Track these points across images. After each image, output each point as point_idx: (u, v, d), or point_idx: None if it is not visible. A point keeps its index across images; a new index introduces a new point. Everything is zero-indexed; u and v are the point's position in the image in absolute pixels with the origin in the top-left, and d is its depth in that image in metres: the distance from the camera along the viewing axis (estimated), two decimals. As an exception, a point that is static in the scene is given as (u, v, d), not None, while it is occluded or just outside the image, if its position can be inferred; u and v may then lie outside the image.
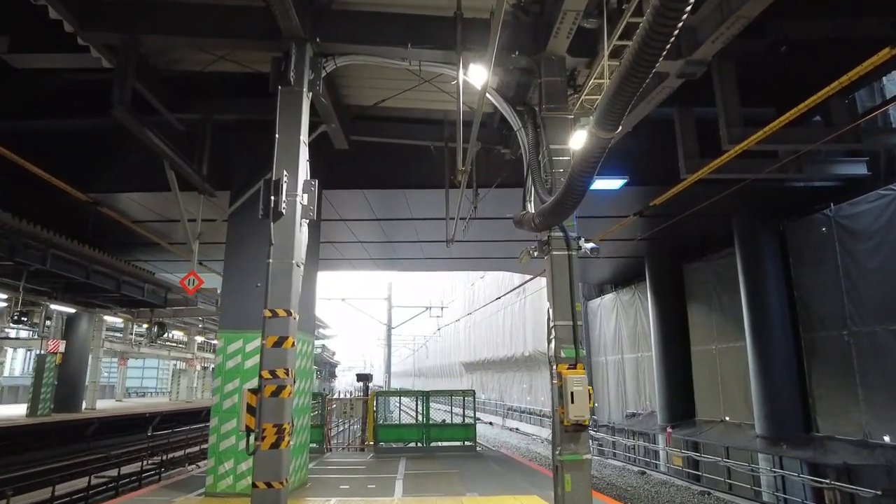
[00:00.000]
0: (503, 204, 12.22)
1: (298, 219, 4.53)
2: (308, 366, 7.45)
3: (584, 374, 4.71)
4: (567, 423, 4.54)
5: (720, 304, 14.99)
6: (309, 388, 7.43)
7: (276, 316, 4.32)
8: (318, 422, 10.00)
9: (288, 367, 4.22)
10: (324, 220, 13.35)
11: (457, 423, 10.14)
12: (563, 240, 5.05)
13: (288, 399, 4.19)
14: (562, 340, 4.72)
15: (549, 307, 4.93)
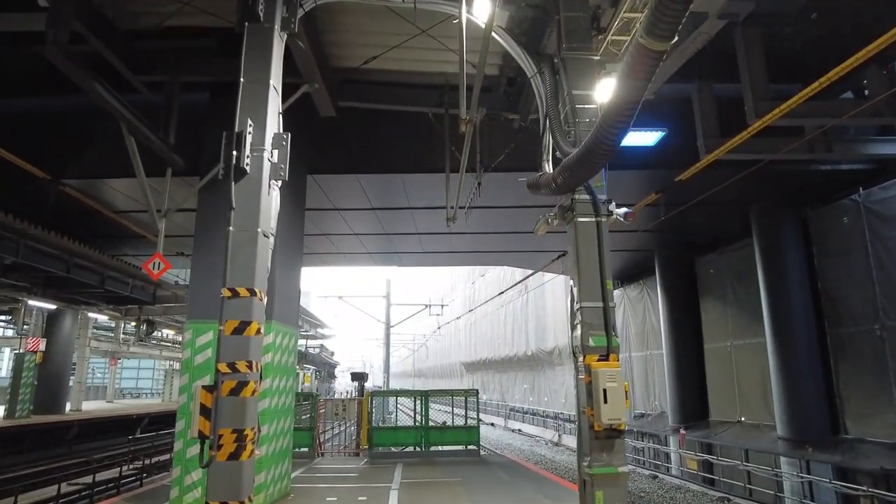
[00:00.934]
0: (507, 190, 11.45)
1: (266, 179, 3.74)
2: (290, 362, 6.67)
3: (618, 366, 3.93)
4: (598, 427, 3.75)
5: (736, 299, 14.19)
6: (291, 387, 6.65)
7: (236, 296, 3.51)
8: (308, 424, 9.20)
9: (252, 360, 3.42)
10: (317, 209, 12.59)
11: (458, 425, 9.33)
12: (590, 203, 4.25)
13: (252, 399, 3.40)
14: (590, 326, 3.94)
15: (571, 286, 4.14)
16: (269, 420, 5.85)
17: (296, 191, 7.35)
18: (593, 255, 4.15)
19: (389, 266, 19.99)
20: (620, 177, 10.52)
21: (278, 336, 6.23)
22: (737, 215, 13.20)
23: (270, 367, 5.96)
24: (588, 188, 4.23)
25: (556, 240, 15.30)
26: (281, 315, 6.34)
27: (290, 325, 6.72)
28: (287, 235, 6.95)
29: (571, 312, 4.20)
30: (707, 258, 15.52)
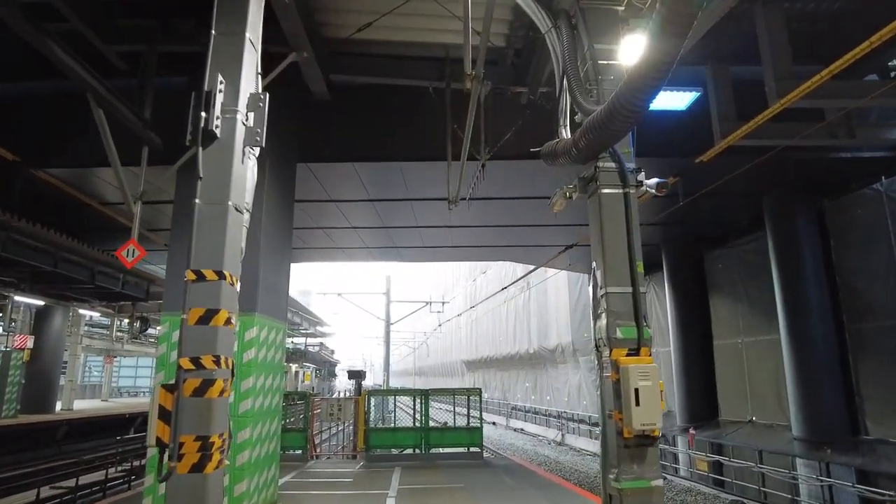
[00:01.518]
0: (511, 180, 10.96)
1: (240, 145, 3.24)
2: (277, 358, 6.17)
3: (651, 361, 3.43)
4: (628, 433, 3.24)
5: (747, 294, 13.69)
6: (278, 387, 6.15)
7: (201, 279, 2.99)
8: (301, 425, 8.72)
9: (220, 355, 2.92)
10: (312, 200, 12.09)
11: (460, 426, 8.82)
12: (615, 172, 3.74)
13: (220, 401, 2.89)
14: (617, 315, 3.44)
15: (594, 269, 3.64)
16: (253, 422, 5.36)
17: (285, 178, 6.85)
18: (620, 232, 3.65)
19: (389, 261, 19.49)
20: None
21: (263, 330, 5.73)
22: (748, 207, 12.71)
23: (254, 363, 5.48)
24: (613, 154, 3.72)
25: (561, 234, 14.81)
26: (267, 308, 5.85)
27: (277, 319, 6.23)
28: (275, 224, 6.46)
29: (595, 300, 3.70)
30: (716, 253, 15.03)
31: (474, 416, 9.16)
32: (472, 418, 9.13)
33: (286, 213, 6.89)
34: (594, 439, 21.08)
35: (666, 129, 9.66)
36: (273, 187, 6.22)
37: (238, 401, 5.27)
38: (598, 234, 3.73)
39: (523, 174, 10.53)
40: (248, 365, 5.41)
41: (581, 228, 13.59)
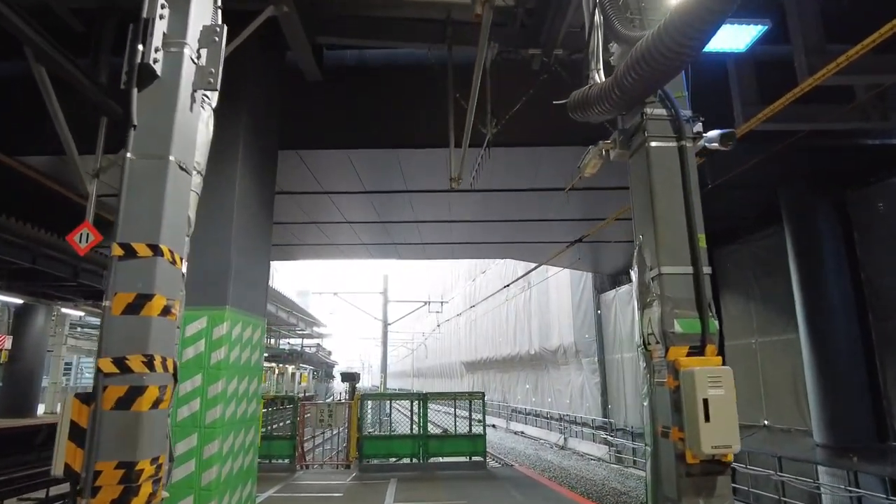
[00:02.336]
0: (515, 169, 10.31)
1: (187, 87, 2.56)
2: (255, 359, 5.48)
3: (720, 364, 2.76)
4: (693, 458, 2.54)
5: (761, 292, 13.04)
6: (256, 392, 5.46)
7: (130, 255, 2.33)
8: (289, 432, 8.02)
9: (154, 354, 2.23)
10: (304, 192, 11.42)
11: (462, 433, 8.13)
12: (668, 121, 3.04)
13: (154, 415, 2.20)
14: (675, 303, 2.76)
15: (638, 246, 2.96)
16: (224, 433, 4.68)
17: (263, 159, 6.17)
18: (676, 196, 2.95)
19: (387, 259, 18.82)
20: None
21: (236, 327, 5.04)
22: (763, 200, 12.07)
23: (225, 365, 4.80)
24: (665, 98, 3.03)
25: (567, 229, 14.15)
26: (241, 301, 5.16)
27: (254, 315, 5.52)
28: (252, 210, 5.77)
29: (641, 285, 3.01)
30: (727, 249, 14.37)
31: (477, 419, 8.46)
32: (475, 421, 8.43)
33: (265, 198, 6.21)
34: (598, 443, 20.40)
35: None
36: (248, 167, 5.54)
37: (205, 409, 4.60)
38: (645, 199, 3.03)
39: (529, 162, 9.89)
40: (217, 367, 4.74)
41: (589, 223, 12.90)
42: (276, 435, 8.03)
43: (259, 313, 5.65)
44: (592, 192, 11.59)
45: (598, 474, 15.09)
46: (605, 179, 11.20)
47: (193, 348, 4.72)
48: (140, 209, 2.38)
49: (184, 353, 4.65)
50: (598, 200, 12.05)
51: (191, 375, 4.65)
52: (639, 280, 3.10)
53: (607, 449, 19.13)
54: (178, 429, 4.39)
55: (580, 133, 8.99)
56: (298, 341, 49.43)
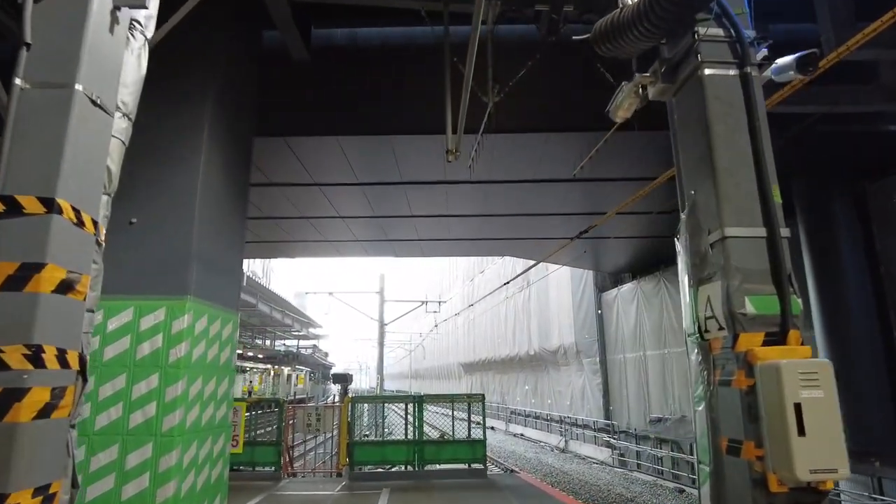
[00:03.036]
0: (514, 159, 9.78)
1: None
2: (226, 358, 4.91)
3: (810, 355, 2.21)
4: (779, 485, 1.89)
5: (772, 289, 12.49)
6: (226, 395, 4.89)
7: (15, 211, 1.77)
8: (274, 437, 7.45)
9: (42, 345, 1.66)
10: (294, 184, 10.85)
11: (460, 438, 7.56)
12: (726, 44, 2.41)
13: (40, 427, 1.62)
14: (746, 275, 2.16)
15: (689, 204, 2.36)
16: (185, 442, 4.12)
17: (235, 137, 5.63)
18: (740, 138, 2.33)
19: (384, 257, 18.25)
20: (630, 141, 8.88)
21: (201, 320, 4.46)
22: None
23: (185, 363, 4.23)
24: (723, 14, 2.41)
25: (569, 224, 13.62)
26: (208, 291, 4.58)
27: (225, 308, 4.93)
28: (222, 184, 5.20)
29: (695, 254, 2.42)
30: (736, 244, 13.84)
31: (476, 422, 7.88)
32: (474, 424, 7.85)
33: (236, 180, 5.64)
34: (600, 446, 19.86)
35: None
36: (216, 145, 4.98)
37: (162, 414, 4.03)
38: (698, 145, 2.39)
39: (531, 150, 9.34)
40: (176, 365, 4.17)
41: (590, 218, 12.37)
42: (260, 441, 7.46)
43: (231, 307, 5.07)
44: (595, 184, 11.07)
45: (602, 479, 14.53)
46: (609, 170, 10.71)
47: (149, 344, 4.15)
48: (32, 153, 1.82)
49: (138, 350, 4.10)
50: (602, 193, 11.52)
51: (146, 375, 4.08)
52: (691, 249, 2.52)
53: (610, 452, 18.59)
54: (131, 438, 3.84)
55: (585, 117, 8.47)
56: (294, 343, 48.80)
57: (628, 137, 8.84)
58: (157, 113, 4.55)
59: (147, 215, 4.27)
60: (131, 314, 4.15)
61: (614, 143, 9.09)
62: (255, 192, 11.19)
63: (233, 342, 5.06)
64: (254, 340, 38.91)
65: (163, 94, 4.72)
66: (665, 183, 8.93)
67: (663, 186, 9.72)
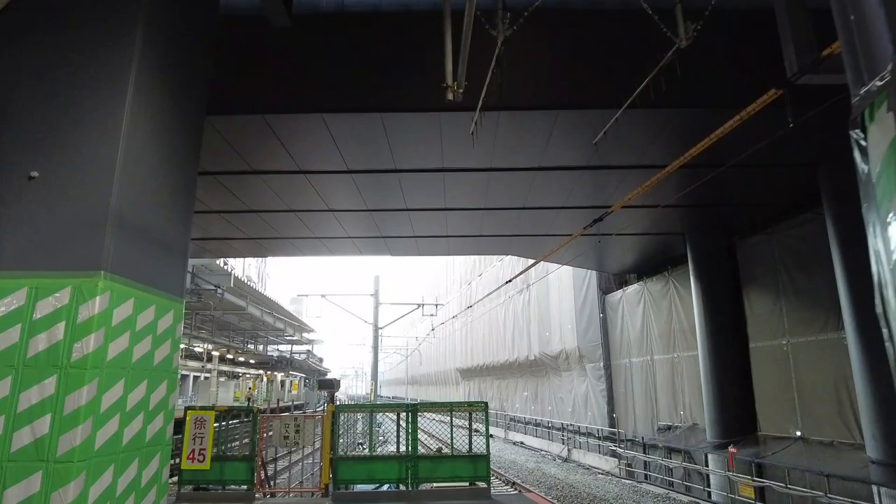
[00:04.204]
0: (517, 142, 8.91)
1: None
2: (164, 357, 3.93)
3: None
4: None
5: (793, 287, 11.66)
6: (163, 403, 3.92)
7: None
8: (247, 451, 6.50)
9: None
10: (276, 172, 9.96)
11: (460, 452, 6.61)
12: None
13: None
14: None
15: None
16: (94, 470, 3.10)
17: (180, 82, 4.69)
18: None
19: (378, 255, 17.33)
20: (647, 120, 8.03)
21: (123, 305, 3.46)
22: (796, 182, 10.73)
23: (98, 360, 3.21)
24: None
25: (571, 220, 12.76)
26: (135, 268, 3.60)
27: (162, 292, 3.94)
28: (161, 138, 4.27)
29: None
30: (752, 241, 13.02)
31: (478, 430, 6.93)
32: (476, 434, 6.89)
33: (185, 125, 4.69)
34: (605, 455, 18.92)
35: (710, 71, 7.66)
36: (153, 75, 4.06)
37: (58, 431, 3.06)
38: None
39: (538, 131, 8.47)
40: (81, 364, 3.16)
41: (596, 211, 11.48)
42: (231, 455, 6.52)
43: (172, 292, 4.10)
44: (605, 174, 10.21)
45: (610, 491, 13.59)
46: (620, 156, 9.86)
47: (47, 336, 3.18)
48: None
49: (31, 345, 3.15)
50: (612, 182, 10.66)
51: (38, 379, 3.11)
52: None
53: (616, 462, 17.65)
54: (12, 466, 2.87)
55: (605, 91, 7.62)
56: (286, 348, 47.77)
57: (645, 117, 8.00)
58: (72, 45, 3.66)
59: (53, 168, 3.34)
60: (24, 296, 3.19)
61: (629, 124, 8.26)
62: (236, 180, 10.30)
63: (174, 337, 4.08)
64: (246, 345, 37.88)
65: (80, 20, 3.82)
66: (675, 172, 8.05)
67: (671, 178, 8.87)
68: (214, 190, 10.73)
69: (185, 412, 6.36)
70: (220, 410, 6.55)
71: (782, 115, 7.67)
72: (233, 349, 34.48)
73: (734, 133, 6.58)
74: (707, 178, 9.80)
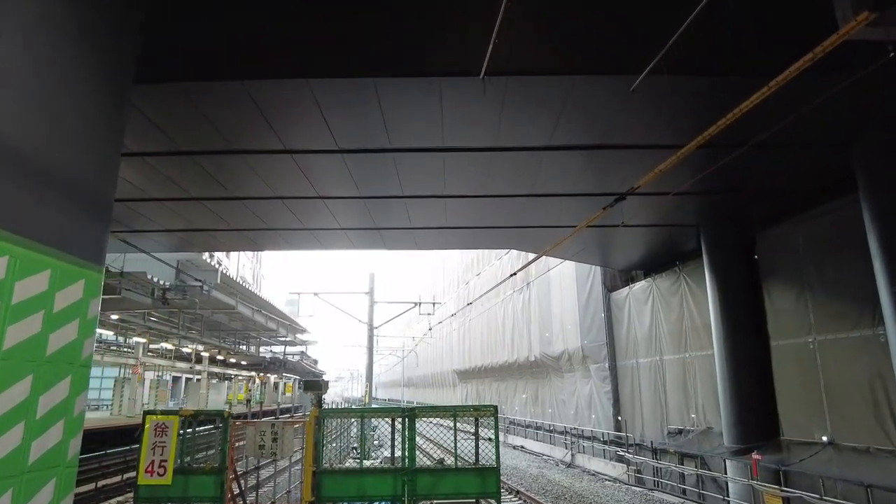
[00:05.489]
0: (525, 116, 8.03)
1: None
2: (70, 344, 2.99)
3: None
4: None
5: (821, 280, 10.81)
6: (69, 406, 2.95)
7: None
8: (216, 463, 5.54)
9: None
10: (260, 151, 9.04)
11: (465, 464, 5.65)
12: None
13: None
14: None
15: None
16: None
17: None
18: None
19: (373, 249, 16.43)
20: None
21: (43, 273, 2.52)
22: (823, 165, 9.89)
23: None
24: None
25: (576, 209, 11.88)
26: (14, 215, 2.61)
27: (65, 255, 2.92)
28: (56, 54, 3.32)
29: None
30: (774, 231, 12.16)
31: (488, 437, 5.99)
32: (484, 440, 5.95)
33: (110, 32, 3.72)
34: (611, 460, 18.03)
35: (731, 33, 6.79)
36: None
37: None
38: None
39: (548, 102, 7.58)
40: None
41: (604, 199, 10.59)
42: (198, 467, 5.57)
43: (85, 256, 3.12)
44: (617, 153, 9.33)
45: (622, 500, 12.69)
46: (636, 135, 9.00)
47: None
48: None
49: None
50: (626, 163, 9.78)
51: None
52: None
53: (624, 467, 16.75)
54: None
55: (629, 54, 6.75)
56: (279, 349, 46.74)
57: (669, 87, 7.13)
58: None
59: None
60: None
61: (648, 99, 7.40)
62: (216, 161, 9.37)
63: (84, 316, 3.11)
64: (237, 346, 36.86)
65: None
66: (691, 155, 7.14)
67: (687, 161, 8.00)
68: (193, 173, 9.81)
69: (144, 417, 5.43)
70: (185, 415, 5.62)
71: (816, 85, 6.86)
72: (224, 350, 33.46)
73: (760, 108, 5.70)
74: (728, 159, 8.93)
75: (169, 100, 7.28)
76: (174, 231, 13.88)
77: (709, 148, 7.68)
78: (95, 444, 17.52)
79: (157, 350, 28.90)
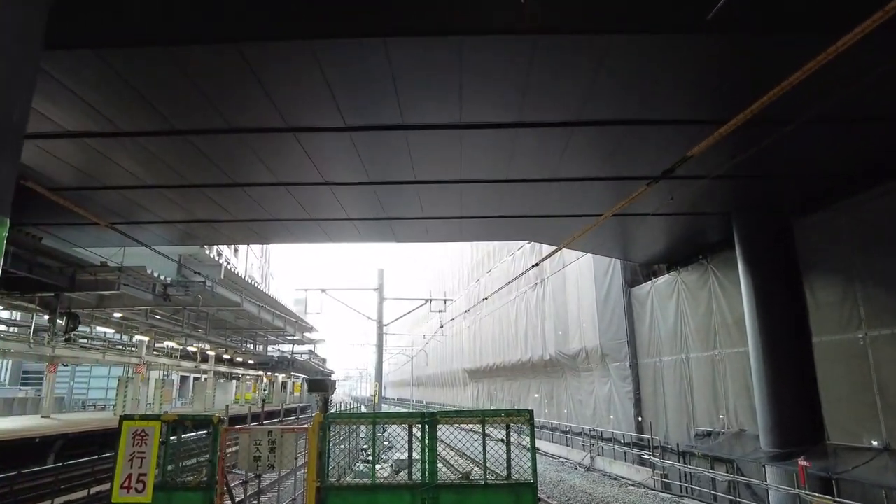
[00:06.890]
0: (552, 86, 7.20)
1: None
2: None
3: None
4: None
5: (872, 271, 9.87)
6: None
7: None
8: (204, 478, 4.76)
9: None
10: (262, 129, 8.28)
11: (495, 479, 4.80)
12: None
13: None
14: None
15: None
16: None
17: None
18: None
19: (383, 242, 15.65)
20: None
21: None
22: (869, 144, 8.96)
23: None
24: None
25: (603, 194, 11.02)
26: None
27: None
28: None
29: None
30: (814, 218, 11.23)
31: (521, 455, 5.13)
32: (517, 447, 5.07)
33: None
34: (634, 464, 17.13)
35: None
36: None
37: None
38: None
39: (579, 69, 6.72)
40: None
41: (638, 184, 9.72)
42: (184, 482, 4.80)
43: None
44: (653, 129, 8.45)
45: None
46: (674, 110, 8.15)
47: None
48: None
49: None
50: (659, 141, 8.90)
51: None
52: None
53: (649, 472, 15.84)
54: None
55: (676, 8, 5.91)
56: (287, 348, 46.16)
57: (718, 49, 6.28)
58: None
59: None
60: None
61: (695, 59, 6.56)
62: (212, 141, 8.61)
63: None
64: (244, 345, 36.28)
65: None
66: (718, 139, 6.25)
67: (723, 142, 7.10)
68: (188, 155, 9.07)
69: (121, 423, 4.66)
70: (168, 420, 4.85)
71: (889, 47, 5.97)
72: (230, 349, 32.87)
73: (821, 72, 4.81)
74: (778, 135, 8.02)
75: (156, 66, 6.53)
76: (174, 223, 13.17)
77: (753, 125, 6.78)
78: (95, 446, 16.87)
79: (162, 349, 28.35)
